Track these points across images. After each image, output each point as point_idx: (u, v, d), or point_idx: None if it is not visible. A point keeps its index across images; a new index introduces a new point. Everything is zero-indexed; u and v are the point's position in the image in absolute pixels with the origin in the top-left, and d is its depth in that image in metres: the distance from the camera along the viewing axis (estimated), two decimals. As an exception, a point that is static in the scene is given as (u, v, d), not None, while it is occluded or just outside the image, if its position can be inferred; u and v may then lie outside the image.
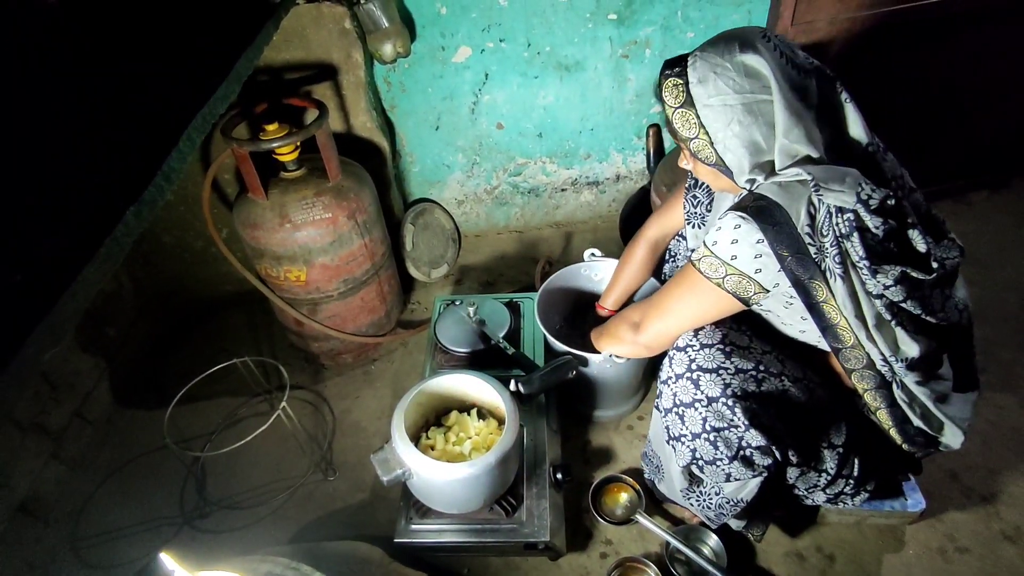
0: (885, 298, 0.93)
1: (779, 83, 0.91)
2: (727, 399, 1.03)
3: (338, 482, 1.59)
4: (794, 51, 0.96)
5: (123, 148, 0.85)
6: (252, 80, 1.71)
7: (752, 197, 0.97)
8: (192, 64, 1.07)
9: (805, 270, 0.94)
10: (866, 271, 0.91)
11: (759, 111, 0.93)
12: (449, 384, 1.35)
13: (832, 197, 0.89)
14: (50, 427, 1.60)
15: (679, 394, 1.09)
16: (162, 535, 1.51)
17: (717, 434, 1.04)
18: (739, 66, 0.93)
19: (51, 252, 0.68)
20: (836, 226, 0.91)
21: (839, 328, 0.98)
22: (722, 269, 1.00)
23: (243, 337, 2.04)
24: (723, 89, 0.93)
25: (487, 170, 2.18)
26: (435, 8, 1.78)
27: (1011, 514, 1.38)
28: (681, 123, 0.99)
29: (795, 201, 0.93)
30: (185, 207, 1.91)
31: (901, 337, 0.96)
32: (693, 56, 0.97)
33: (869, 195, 0.89)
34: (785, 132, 0.92)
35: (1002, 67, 1.94)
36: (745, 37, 0.94)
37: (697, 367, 1.07)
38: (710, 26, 1.87)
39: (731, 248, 0.98)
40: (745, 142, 0.95)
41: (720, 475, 1.07)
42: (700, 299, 1.06)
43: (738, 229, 0.96)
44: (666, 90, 0.99)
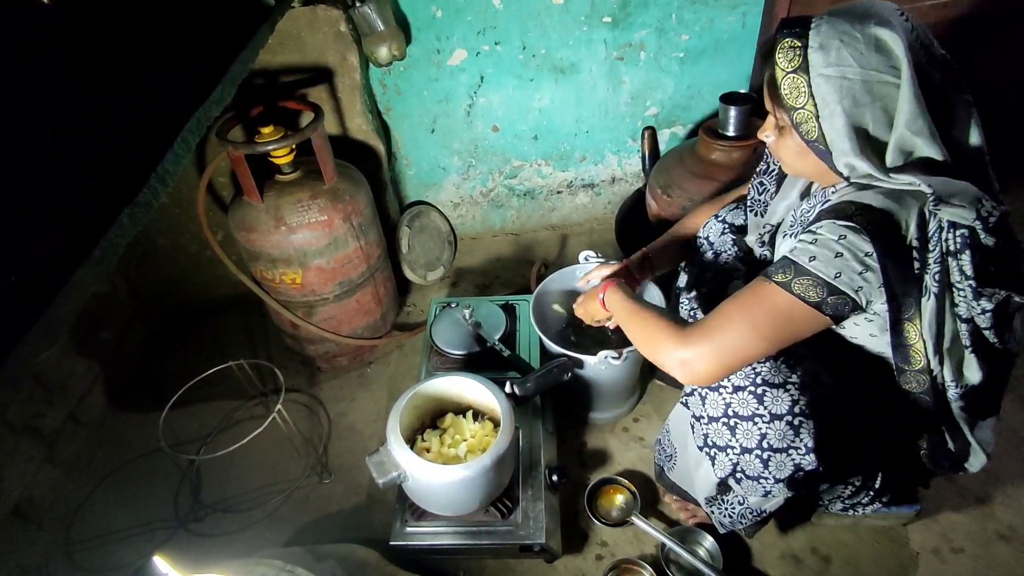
0: (972, 323, 0.87)
1: (910, 67, 0.82)
2: (793, 417, 0.96)
3: (334, 485, 1.59)
4: (931, 38, 0.88)
5: (118, 150, 0.85)
6: (248, 83, 1.71)
7: (854, 206, 0.88)
8: (187, 67, 1.07)
9: (903, 286, 0.87)
10: (969, 292, 0.85)
11: (879, 93, 0.84)
12: (445, 386, 1.35)
13: (950, 213, 0.82)
14: (44, 430, 1.59)
15: (735, 405, 0.99)
16: (157, 538, 1.51)
17: (773, 454, 0.97)
18: (870, 39, 0.84)
19: (45, 253, 0.68)
20: (945, 242, 0.84)
21: (912, 350, 0.93)
22: (823, 289, 0.88)
23: (239, 340, 2.04)
24: (846, 59, 0.84)
25: (483, 173, 2.18)
26: (430, 11, 1.78)
27: (1006, 514, 1.38)
28: (790, 89, 0.88)
29: (905, 211, 0.85)
30: (180, 210, 1.91)
31: (969, 362, 0.91)
32: (818, 19, 0.87)
33: (989, 212, 0.82)
34: (908, 123, 0.83)
35: (996, 71, 1.95)
36: (883, 11, 0.86)
37: (763, 380, 0.98)
38: (704, 28, 1.88)
39: (835, 263, 0.87)
40: (853, 122, 0.86)
41: (759, 490, 1.02)
42: (785, 325, 0.91)
43: (843, 240, 0.86)
44: (780, 51, 0.89)
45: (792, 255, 0.91)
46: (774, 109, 0.96)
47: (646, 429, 1.64)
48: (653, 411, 1.68)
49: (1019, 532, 1.35)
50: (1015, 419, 1.55)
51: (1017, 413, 1.56)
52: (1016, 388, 1.61)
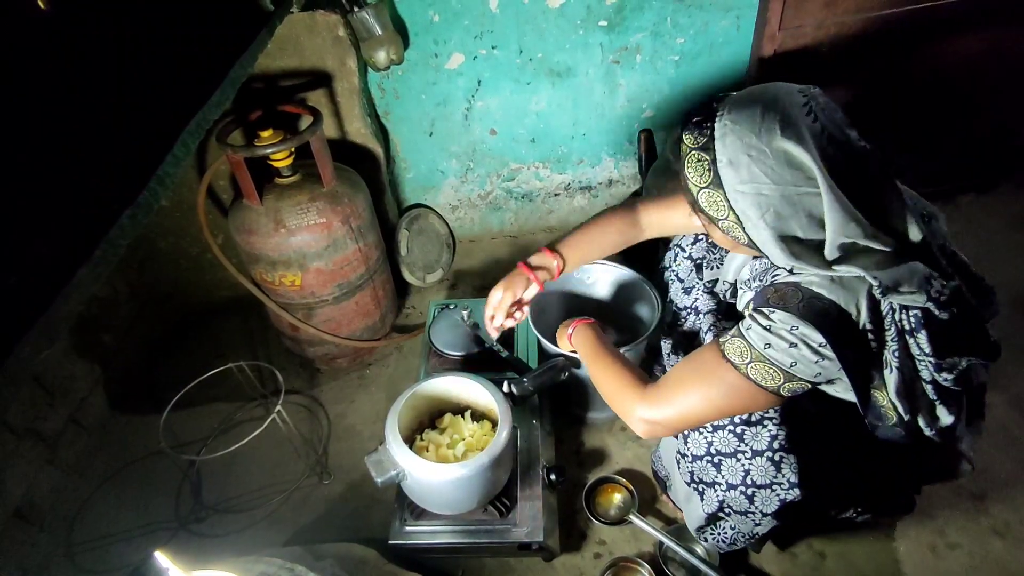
0: (936, 383, 0.88)
1: (825, 177, 0.79)
2: (773, 453, 0.97)
3: (333, 485, 1.60)
4: (844, 130, 0.83)
5: (119, 152, 0.87)
6: (247, 87, 1.72)
7: (800, 295, 0.86)
8: (187, 70, 1.09)
9: (863, 364, 0.88)
10: (931, 366, 0.85)
11: (801, 204, 0.82)
12: (443, 386, 1.36)
13: (900, 299, 0.82)
14: (45, 432, 1.60)
15: (716, 443, 1.01)
16: (158, 539, 1.52)
17: (757, 490, 0.98)
18: (779, 154, 0.80)
19: (46, 254, 0.69)
20: (900, 322, 0.85)
21: (884, 410, 0.93)
22: (780, 376, 0.88)
23: (239, 342, 2.05)
24: (759, 177, 0.81)
25: (481, 176, 2.19)
26: (428, 16, 1.80)
27: (1000, 510, 1.39)
28: (708, 203, 0.87)
29: (854, 297, 0.85)
30: (180, 213, 1.92)
31: (940, 411, 0.92)
32: (721, 124, 0.83)
33: (939, 291, 0.82)
34: (838, 229, 0.81)
35: (988, 70, 1.96)
36: (786, 112, 0.81)
37: (741, 420, 0.99)
38: (699, 32, 1.90)
39: (790, 353, 0.86)
40: (781, 232, 0.84)
41: (748, 523, 1.04)
42: (740, 401, 0.93)
43: (796, 332, 0.85)
44: (689, 165, 0.87)
45: (748, 335, 0.90)
46: (696, 213, 0.93)
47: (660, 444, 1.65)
48: (650, 411, 1.69)
49: (1013, 528, 1.36)
50: (1008, 418, 1.56)
51: (1010, 412, 1.57)
52: (1008, 387, 1.62)
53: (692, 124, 0.87)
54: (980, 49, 1.90)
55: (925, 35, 1.84)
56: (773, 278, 0.96)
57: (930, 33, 1.84)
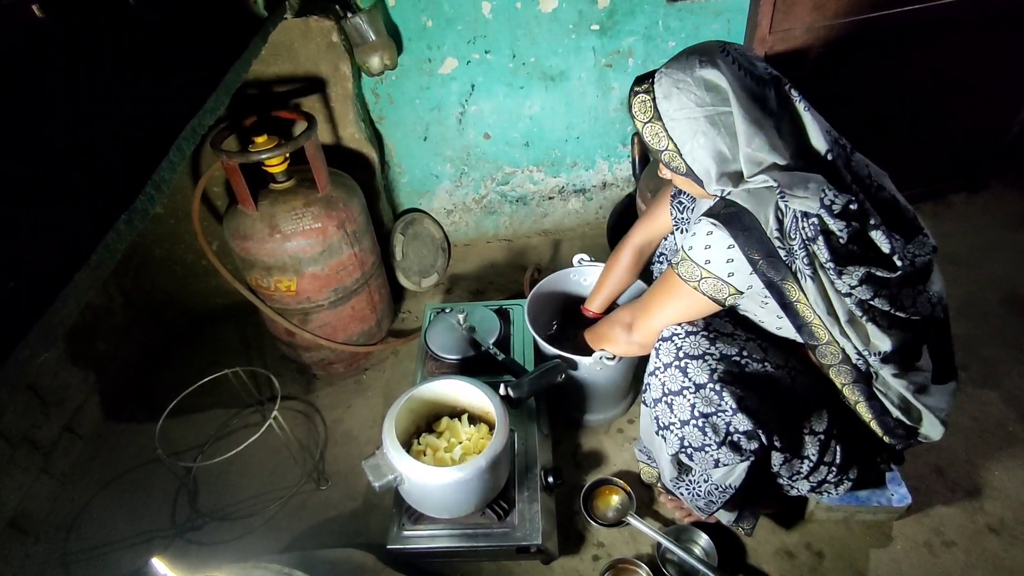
0: (854, 296, 0.96)
1: (737, 95, 0.95)
2: (714, 384, 1.06)
3: (330, 491, 1.60)
4: (752, 63, 0.99)
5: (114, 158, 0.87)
6: (241, 93, 1.73)
7: (722, 204, 1.01)
8: (182, 76, 1.09)
9: (777, 272, 0.98)
10: (832, 272, 0.94)
11: (722, 123, 0.97)
12: (440, 390, 1.36)
13: (797, 203, 0.93)
14: (40, 441, 1.59)
15: (667, 383, 1.12)
16: (154, 548, 1.51)
17: (705, 420, 1.06)
18: (699, 80, 0.97)
19: (43, 259, 0.69)
20: (802, 230, 0.94)
21: (813, 326, 1.02)
22: (697, 272, 1.04)
23: (234, 348, 2.04)
24: (686, 103, 0.98)
25: (475, 180, 2.20)
26: (421, 21, 1.81)
27: (995, 507, 1.40)
28: (651, 136, 1.04)
29: (763, 207, 0.97)
30: (175, 220, 1.92)
31: (873, 332, 0.99)
32: (659, 72, 1.02)
33: (832, 200, 0.93)
34: (747, 142, 0.96)
35: (978, 72, 1.99)
36: (705, 52, 0.99)
37: (684, 355, 1.10)
38: (691, 35, 1.91)
39: (704, 253, 1.02)
40: (711, 152, 0.99)
41: (709, 461, 1.09)
42: (680, 300, 1.11)
43: (710, 235, 1.01)
44: (635, 105, 1.04)
45: (690, 253, 1.06)
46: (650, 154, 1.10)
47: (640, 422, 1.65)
48: (647, 412, 1.70)
49: (1008, 525, 1.37)
50: (1002, 412, 1.57)
51: (1003, 406, 1.59)
52: (1002, 381, 1.64)
53: (640, 78, 1.06)
54: (969, 50, 1.92)
55: (913, 37, 1.86)
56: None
57: (918, 35, 1.86)
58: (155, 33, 1.27)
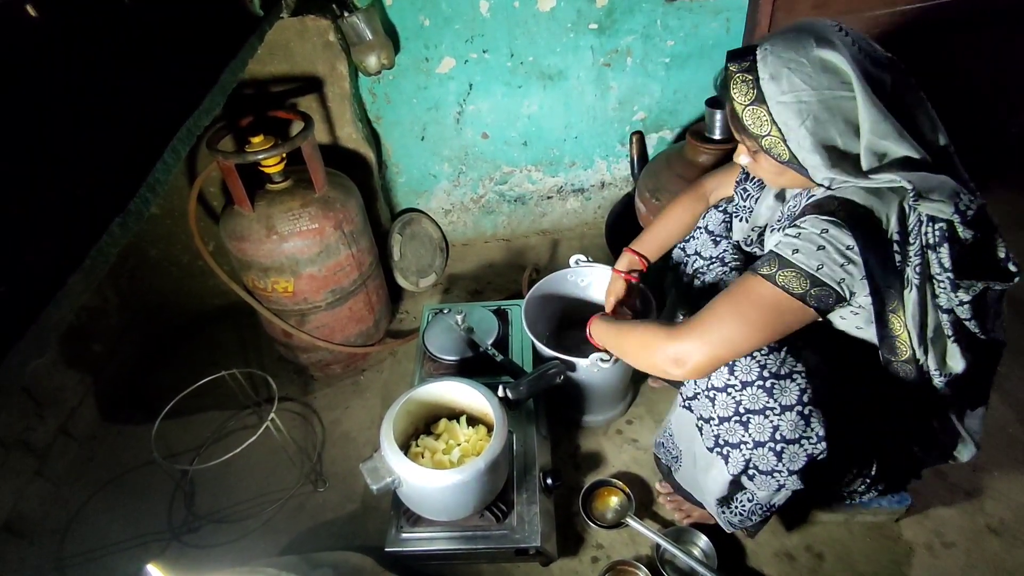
0: (953, 314, 0.89)
1: (860, 79, 0.86)
2: (803, 407, 0.96)
3: (328, 493, 1.59)
4: (872, 44, 0.91)
5: (108, 159, 0.86)
6: (237, 93, 1.72)
7: (837, 201, 0.91)
8: (177, 76, 1.08)
9: (885, 278, 0.90)
10: (948, 284, 0.87)
11: (838, 108, 0.88)
12: (438, 392, 1.35)
13: (930, 207, 0.85)
14: (34, 444, 1.58)
15: (745, 402, 0.99)
16: (150, 551, 1.50)
17: (786, 445, 0.97)
18: (816, 61, 0.88)
19: (36, 263, 0.68)
20: (924, 235, 0.87)
21: (898, 340, 0.94)
22: (807, 281, 0.90)
23: (231, 350, 2.03)
24: (798, 85, 0.88)
25: (473, 179, 2.19)
26: (418, 20, 1.80)
27: (995, 508, 1.40)
28: (752, 120, 0.93)
29: (886, 206, 0.89)
30: (171, 220, 1.91)
31: (952, 352, 0.93)
32: (762, 49, 0.92)
33: (967, 206, 0.84)
34: (872, 129, 0.86)
35: (979, 70, 1.98)
36: (820, 31, 0.89)
37: (770, 373, 0.97)
38: (689, 34, 1.91)
39: (818, 256, 0.89)
40: (821, 139, 0.89)
41: (772, 484, 1.02)
42: (771, 316, 0.93)
43: (825, 234, 0.89)
44: (734, 86, 0.94)
45: (777, 248, 0.93)
46: (742, 138, 0.99)
47: (639, 431, 1.65)
48: (646, 413, 1.69)
49: (1009, 525, 1.36)
50: (1003, 415, 1.57)
51: (1005, 409, 1.58)
52: (1002, 384, 1.64)
53: (736, 54, 0.95)
54: (970, 50, 1.92)
55: (914, 36, 1.86)
56: (809, 199, 0.99)
57: (919, 34, 1.85)
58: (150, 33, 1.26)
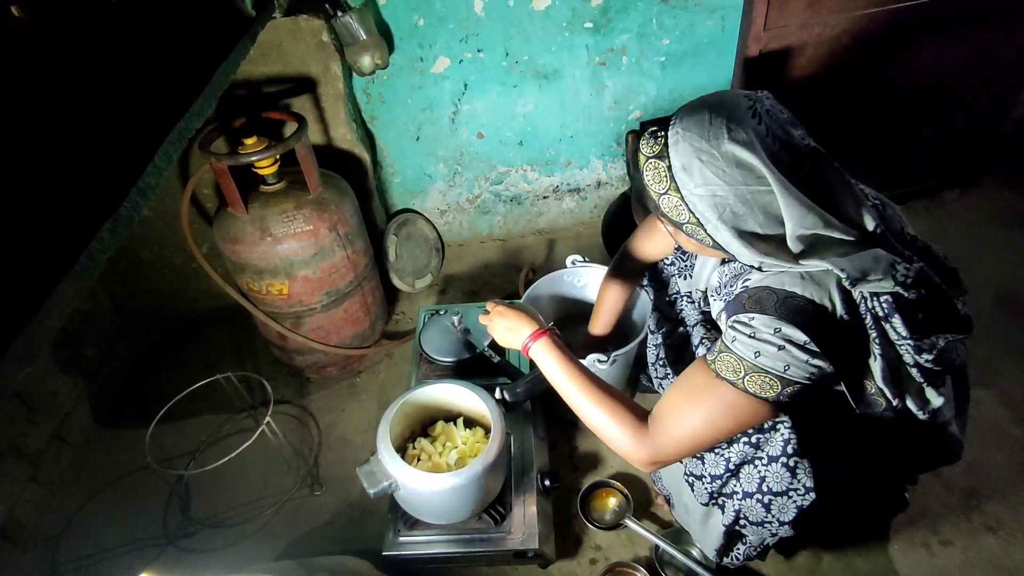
0: (920, 366, 0.88)
1: (775, 176, 0.82)
2: (787, 459, 0.95)
3: (325, 496, 1.58)
4: (788, 132, 0.86)
5: (98, 163, 0.85)
6: (230, 94, 1.70)
7: (775, 296, 0.87)
8: (167, 78, 1.07)
9: (850, 356, 0.88)
10: (910, 348, 0.86)
11: (755, 202, 0.85)
12: (434, 394, 1.35)
13: (871, 287, 0.83)
14: (28, 450, 1.57)
15: (732, 458, 1.00)
16: (146, 556, 1.49)
17: (773, 497, 0.97)
18: (728, 156, 0.83)
19: (25, 270, 0.67)
20: (873, 309, 0.85)
21: (873, 397, 0.93)
22: (777, 384, 0.86)
23: (226, 353, 2.02)
24: (711, 180, 0.84)
25: (469, 179, 2.18)
26: (412, 20, 1.79)
27: (991, 506, 1.40)
28: (668, 208, 0.90)
29: (825, 290, 0.86)
30: (164, 223, 1.89)
31: (929, 393, 0.92)
32: (674, 131, 0.87)
33: (905, 275, 0.83)
34: (799, 223, 0.83)
35: (971, 67, 1.98)
36: (732, 117, 0.84)
37: (755, 428, 0.97)
38: (685, 33, 1.90)
39: (782, 356, 0.85)
40: (740, 230, 0.86)
41: (764, 534, 1.03)
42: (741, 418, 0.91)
43: (779, 333, 0.85)
44: (647, 171, 0.90)
45: (735, 348, 0.89)
46: (659, 218, 0.95)
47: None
48: (643, 413, 1.69)
49: (1005, 524, 1.37)
50: (998, 413, 1.57)
51: (999, 407, 1.58)
52: (998, 382, 1.64)
53: (648, 134, 0.91)
54: (962, 46, 1.92)
55: (908, 33, 1.86)
56: (744, 283, 0.97)
57: (913, 31, 1.85)
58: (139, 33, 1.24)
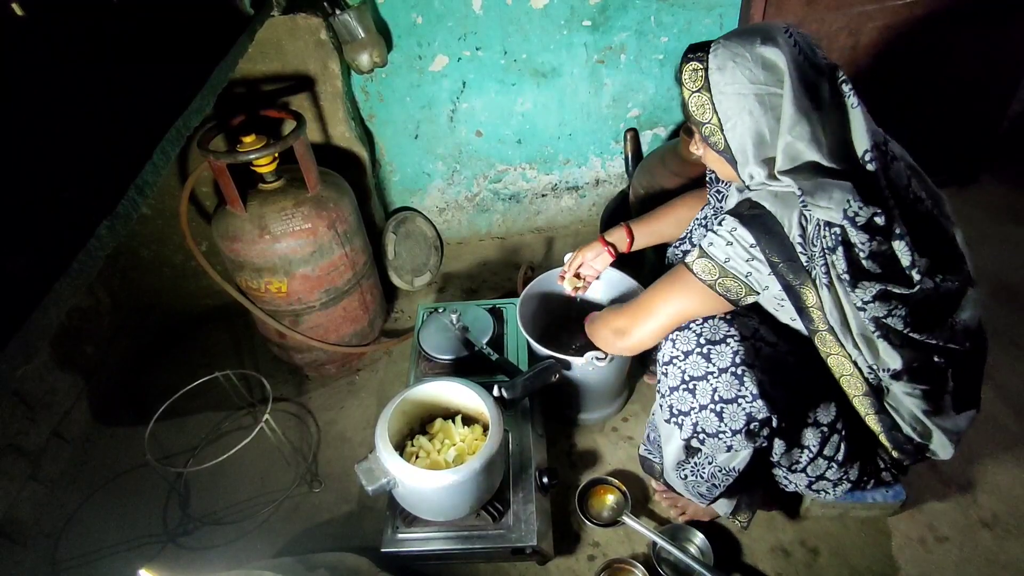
0: (867, 311, 0.94)
1: (791, 78, 0.92)
2: (735, 368, 1.04)
3: (324, 494, 1.58)
4: (813, 49, 0.97)
5: (96, 161, 0.85)
6: (228, 92, 1.70)
7: (748, 204, 1.00)
8: (166, 76, 1.07)
9: (795, 276, 0.97)
10: (847, 284, 0.92)
11: (770, 104, 0.94)
12: (433, 391, 1.35)
13: (819, 212, 0.90)
14: (27, 448, 1.57)
15: (688, 370, 1.09)
16: (146, 554, 1.49)
17: (725, 405, 1.04)
18: (757, 57, 0.94)
19: (22, 267, 0.68)
20: (823, 239, 0.92)
21: (825, 334, 1.01)
22: (716, 271, 1.03)
23: (225, 351, 2.02)
24: (739, 78, 0.95)
25: (467, 177, 2.19)
26: (410, 18, 1.79)
27: (988, 501, 1.40)
28: (696, 106, 1.00)
29: (788, 210, 0.95)
30: (163, 221, 1.90)
31: (883, 348, 0.97)
32: (716, 43, 0.98)
33: (856, 212, 0.89)
34: (790, 128, 0.92)
35: (969, 65, 1.99)
36: (767, 30, 0.96)
37: (705, 340, 1.08)
38: (683, 31, 1.90)
39: (726, 250, 1.01)
40: (753, 132, 0.96)
41: (721, 447, 1.08)
42: (690, 299, 1.09)
43: (734, 232, 0.99)
44: (685, 73, 1.00)
45: (700, 241, 1.06)
46: (690, 125, 1.06)
47: (635, 428, 1.65)
48: (641, 410, 1.69)
49: (1001, 519, 1.37)
50: (993, 406, 1.58)
51: (995, 399, 1.59)
52: (993, 375, 1.64)
53: (693, 46, 1.02)
54: (960, 44, 1.92)
55: (905, 30, 1.86)
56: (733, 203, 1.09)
57: (909, 28, 1.86)
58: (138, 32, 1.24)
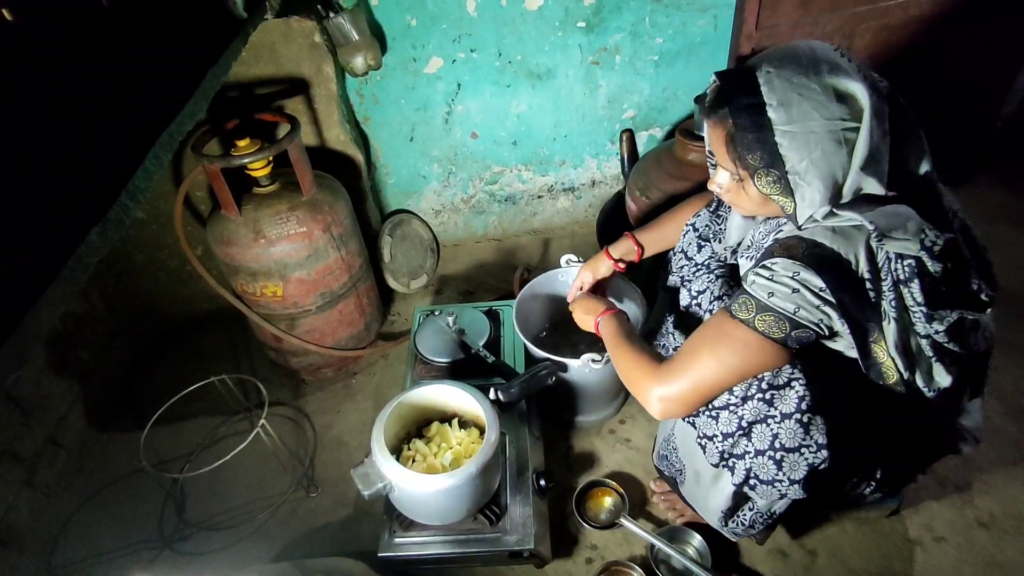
0: (931, 338, 0.90)
1: (871, 112, 0.83)
2: (802, 415, 0.95)
3: (321, 498, 1.58)
4: (870, 70, 0.88)
5: (87, 166, 0.85)
6: (222, 96, 1.70)
7: (804, 244, 0.90)
8: (159, 81, 1.07)
9: (863, 314, 0.90)
10: (923, 316, 0.87)
11: (844, 139, 0.84)
12: (429, 395, 1.35)
13: (894, 245, 0.84)
14: (22, 454, 1.56)
15: (747, 416, 0.99)
16: (142, 560, 1.48)
17: (786, 453, 0.96)
18: (828, 89, 0.84)
19: (13, 273, 0.67)
20: (895, 271, 0.86)
21: (884, 367, 0.94)
22: (786, 324, 0.90)
23: (221, 355, 2.02)
24: (809, 114, 0.84)
25: (463, 179, 2.18)
26: (405, 20, 1.79)
27: (984, 501, 1.40)
28: (748, 148, 0.89)
29: (853, 246, 0.88)
30: (158, 225, 1.89)
31: (937, 369, 0.93)
32: (765, 72, 0.86)
33: (933, 241, 0.84)
34: (864, 165, 0.84)
35: (962, 64, 1.99)
36: (828, 56, 0.85)
37: (768, 385, 0.97)
38: (677, 32, 1.90)
39: (793, 299, 0.89)
40: (824, 174, 0.86)
41: (774, 494, 1.01)
42: (752, 359, 0.94)
43: (797, 277, 0.88)
44: (736, 111, 0.88)
45: (752, 290, 0.93)
46: (731, 163, 0.95)
47: (632, 430, 1.65)
48: (638, 412, 1.69)
49: (998, 519, 1.37)
50: (988, 406, 1.56)
51: (991, 402, 1.59)
52: (991, 377, 1.63)
53: (731, 76, 0.90)
54: (954, 43, 1.93)
55: (899, 31, 1.86)
56: (776, 236, 0.99)
57: (904, 29, 1.86)
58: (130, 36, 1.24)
